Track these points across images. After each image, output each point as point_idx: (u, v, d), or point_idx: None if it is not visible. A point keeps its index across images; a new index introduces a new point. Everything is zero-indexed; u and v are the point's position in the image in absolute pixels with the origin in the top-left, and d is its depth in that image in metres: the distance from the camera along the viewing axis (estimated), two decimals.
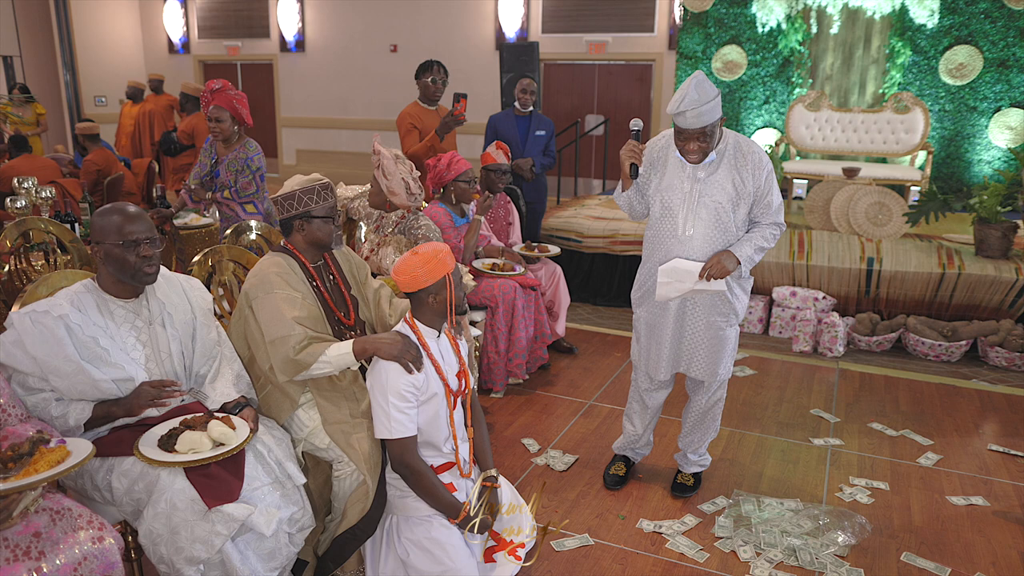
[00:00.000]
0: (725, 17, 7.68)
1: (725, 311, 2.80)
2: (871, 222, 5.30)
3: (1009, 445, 3.51)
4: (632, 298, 2.98)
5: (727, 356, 2.87)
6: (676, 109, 2.53)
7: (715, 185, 2.68)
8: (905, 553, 2.68)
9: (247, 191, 3.96)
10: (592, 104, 10.16)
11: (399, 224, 3.50)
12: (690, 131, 2.57)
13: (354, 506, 2.20)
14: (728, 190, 2.67)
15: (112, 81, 12.25)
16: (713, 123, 2.56)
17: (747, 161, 2.68)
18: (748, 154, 2.68)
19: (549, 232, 5.78)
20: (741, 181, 2.67)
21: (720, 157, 2.68)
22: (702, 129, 2.55)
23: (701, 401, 2.98)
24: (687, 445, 3.09)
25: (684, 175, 2.71)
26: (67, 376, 1.96)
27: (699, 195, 2.68)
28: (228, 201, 3.97)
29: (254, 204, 4.00)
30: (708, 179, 2.69)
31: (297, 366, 2.17)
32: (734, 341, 2.88)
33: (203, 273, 2.75)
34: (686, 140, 2.61)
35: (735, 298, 2.80)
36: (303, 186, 2.32)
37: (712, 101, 2.51)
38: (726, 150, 2.69)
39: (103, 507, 2.04)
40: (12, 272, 3.48)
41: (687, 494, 3.04)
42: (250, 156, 3.93)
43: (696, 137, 2.58)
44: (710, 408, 2.99)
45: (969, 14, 6.86)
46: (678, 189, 2.72)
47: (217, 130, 3.87)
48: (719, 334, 2.81)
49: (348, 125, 11.57)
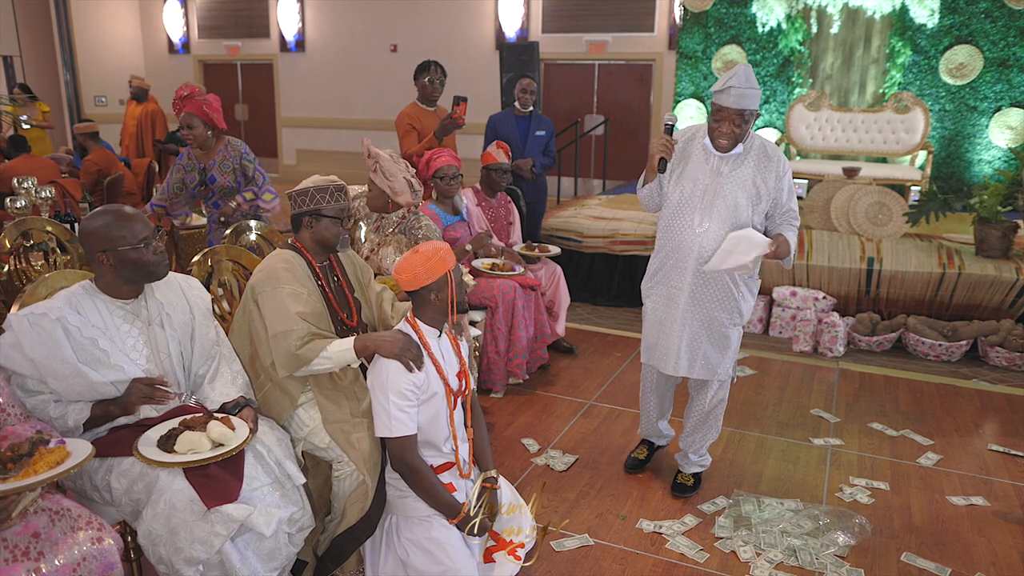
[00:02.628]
0: (725, 17, 7.68)
1: (729, 308, 2.80)
2: (871, 222, 5.30)
3: (1009, 445, 3.50)
4: (642, 288, 3.00)
5: (729, 355, 2.87)
6: (723, 85, 2.57)
7: (737, 182, 2.70)
8: (905, 553, 2.67)
9: (259, 182, 3.92)
10: (592, 104, 10.16)
11: (400, 224, 3.50)
12: (729, 110, 2.59)
13: (353, 506, 2.20)
14: (749, 188, 2.70)
15: (112, 81, 12.25)
16: (751, 111, 2.60)
17: (771, 164, 2.71)
18: (773, 158, 2.72)
19: (549, 232, 5.77)
20: (763, 182, 2.71)
21: (746, 154, 2.71)
22: (740, 112, 2.58)
23: (703, 401, 2.98)
24: (688, 445, 3.09)
25: (707, 168, 2.73)
26: (64, 378, 1.95)
27: (719, 189, 2.70)
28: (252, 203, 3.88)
29: (270, 191, 3.93)
30: (731, 175, 2.71)
31: (298, 361, 2.17)
32: (736, 341, 2.89)
33: (202, 273, 2.75)
34: (721, 120, 2.63)
35: (741, 298, 2.81)
36: (318, 184, 2.35)
37: (755, 89, 2.57)
38: (752, 149, 2.73)
39: (102, 507, 2.04)
40: (12, 272, 3.48)
41: (687, 494, 3.04)
42: (242, 152, 3.87)
43: (732, 119, 2.60)
44: (712, 409, 2.99)
45: (969, 14, 6.85)
46: (699, 181, 2.73)
47: (190, 137, 3.77)
48: (721, 331, 2.82)
49: (348, 125, 11.57)
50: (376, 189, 3.41)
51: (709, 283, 2.78)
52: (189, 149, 3.89)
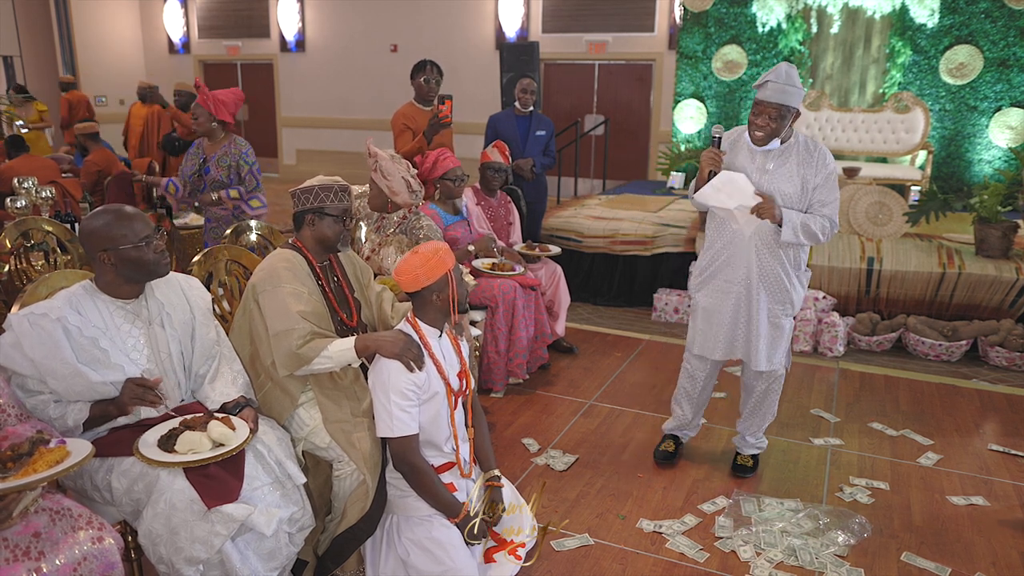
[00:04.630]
0: (725, 17, 7.68)
1: (783, 300, 2.93)
2: (871, 222, 5.30)
3: (1009, 445, 3.50)
4: (690, 284, 3.14)
5: (783, 344, 3.01)
6: (763, 80, 2.68)
7: (783, 178, 2.80)
8: (905, 553, 2.67)
9: (250, 186, 3.99)
10: (592, 104, 10.16)
11: (401, 224, 3.49)
12: (766, 103, 2.69)
13: (354, 506, 2.20)
14: (795, 183, 2.80)
15: (112, 81, 12.26)
16: (788, 107, 2.69)
17: (814, 158, 2.81)
18: (815, 152, 2.82)
19: (549, 232, 5.77)
20: (810, 176, 2.79)
21: (790, 151, 2.81)
22: (777, 106, 2.68)
23: (760, 388, 3.11)
24: (746, 429, 3.22)
25: (753, 166, 2.84)
26: (64, 378, 1.95)
27: (766, 185, 2.80)
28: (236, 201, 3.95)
29: (259, 199, 4.03)
30: (776, 171, 2.81)
31: (299, 360, 2.17)
32: (789, 331, 3.02)
33: (202, 273, 2.75)
34: (758, 113, 2.74)
35: (793, 289, 2.93)
36: (323, 183, 2.36)
37: (796, 87, 2.67)
38: (795, 145, 2.82)
39: (103, 507, 2.04)
40: (12, 272, 3.48)
41: (747, 475, 3.17)
42: (243, 152, 3.95)
43: (768, 112, 2.71)
44: (767, 395, 3.11)
45: (969, 14, 6.85)
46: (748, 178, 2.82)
47: (195, 125, 3.97)
48: (777, 323, 2.96)
49: (348, 125, 11.57)
50: (375, 188, 3.41)
51: (764, 276, 2.90)
52: (200, 140, 4.05)
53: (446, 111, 4.28)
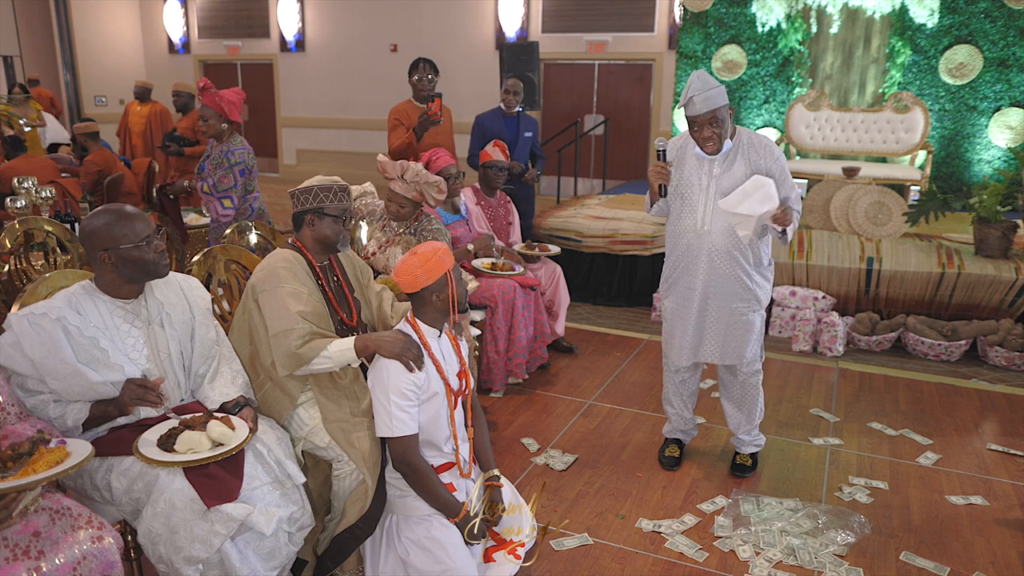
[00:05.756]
0: (725, 17, 7.68)
1: (746, 298, 2.92)
2: (871, 222, 5.30)
3: (1009, 445, 3.51)
4: (660, 289, 3.16)
5: (753, 339, 3.00)
6: (685, 99, 2.69)
7: (732, 179, 2.81)
8: (904, 552, 2.68)
9: (224, 185, 3.88)
10: (592, 104, 10.16)
11: (413, 225, 3.48)
12: (702, 117, 2.70)
13: (353, 505, 2.20)
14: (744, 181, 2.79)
15: (112, 81, 12.26)
16: (722, 107, 2.69)
17: (760, 151, 2.81)
18: (759, 145, 2.82)
19: (549, 232, 5.78)
20: (760, 167, 2.79)
21: (735, 150, 2.82)
22: (713, 113, 2.69)
23: (735, 383, 3.11)
24: (736, 427, 3.22)
25: (702, 171, 2.85)
26: (64, 378, 1.95)
27: (716, 189, 2.81)
28: (207, 196, 3.93)
29: (231, 199, 3.90)
30: (724, 174, 2.82)
31: (299, 360, 2.18)
32: (760, 325, 3.01)
33: (202, 273, 2.75)
34: (700, 128, 2.74)
35: (756, 285, 2.92)
36: (322, 183, 2.37)
37: (716, 88, 2.67)
38: (740, 143, 2.83)
39: (102, 507, 2.04)
40: (12, 272, 3.48)
41: (746, 474, 3.18)
42: (231, 150, 3.88)
43: (709, 122, 2.71)
44: (746, 390, 3.11)
45: (969, 13, 6.85)
46: (696, 185, 2.86)
47: (204, 128, 3.92)
48: (742, 319, 2.95)
49: (348, 125, 11.58)
50: (399, 199, 3.38)
51: (721, 279, 2.90)
52: (211, 142, 4.03)
53: (435, 109, 4.30)
